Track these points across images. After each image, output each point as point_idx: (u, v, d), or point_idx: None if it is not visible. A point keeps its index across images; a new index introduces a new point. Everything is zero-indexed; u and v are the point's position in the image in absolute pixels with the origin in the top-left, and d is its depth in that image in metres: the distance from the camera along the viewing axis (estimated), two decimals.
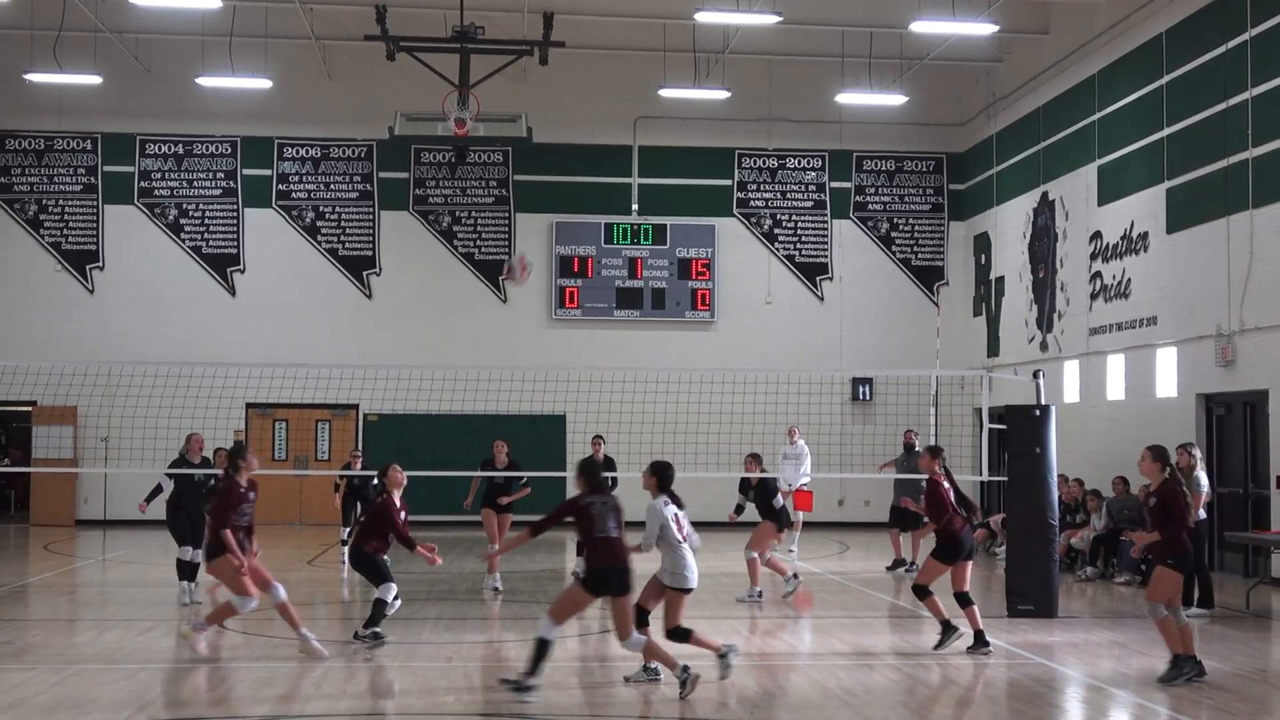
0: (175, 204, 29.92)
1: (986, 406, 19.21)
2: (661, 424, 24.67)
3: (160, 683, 11.94)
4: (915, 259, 31.28)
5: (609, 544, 11.32)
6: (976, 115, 30.15)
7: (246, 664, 12.86)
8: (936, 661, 13.28)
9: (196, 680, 12.13)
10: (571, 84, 29.66)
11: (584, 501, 11.46)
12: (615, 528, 11.37)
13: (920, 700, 11.49)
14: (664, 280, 30.42)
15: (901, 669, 12.86)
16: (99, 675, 12.06)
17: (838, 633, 15.22)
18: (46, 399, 27.32)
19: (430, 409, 25.77)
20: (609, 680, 12.14)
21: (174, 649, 13.67)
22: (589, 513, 11.38)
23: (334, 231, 30.17)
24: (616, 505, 11.54)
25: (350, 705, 11.04)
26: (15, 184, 29.70)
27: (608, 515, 11.39)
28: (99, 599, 18.47)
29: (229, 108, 29.52)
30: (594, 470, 11.70)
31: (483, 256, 30.35)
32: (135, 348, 28.47)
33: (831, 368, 29.59)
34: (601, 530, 11.32)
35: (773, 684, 12.05)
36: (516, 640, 14.20)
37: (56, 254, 29.66)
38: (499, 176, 30.52)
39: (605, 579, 11.25)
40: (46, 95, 29.05)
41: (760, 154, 31.00)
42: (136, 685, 11.71)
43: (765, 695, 11.58)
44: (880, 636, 15.05)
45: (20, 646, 13.70)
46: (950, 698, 11.62)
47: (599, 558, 11.33)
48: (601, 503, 11.45)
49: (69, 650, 13.48)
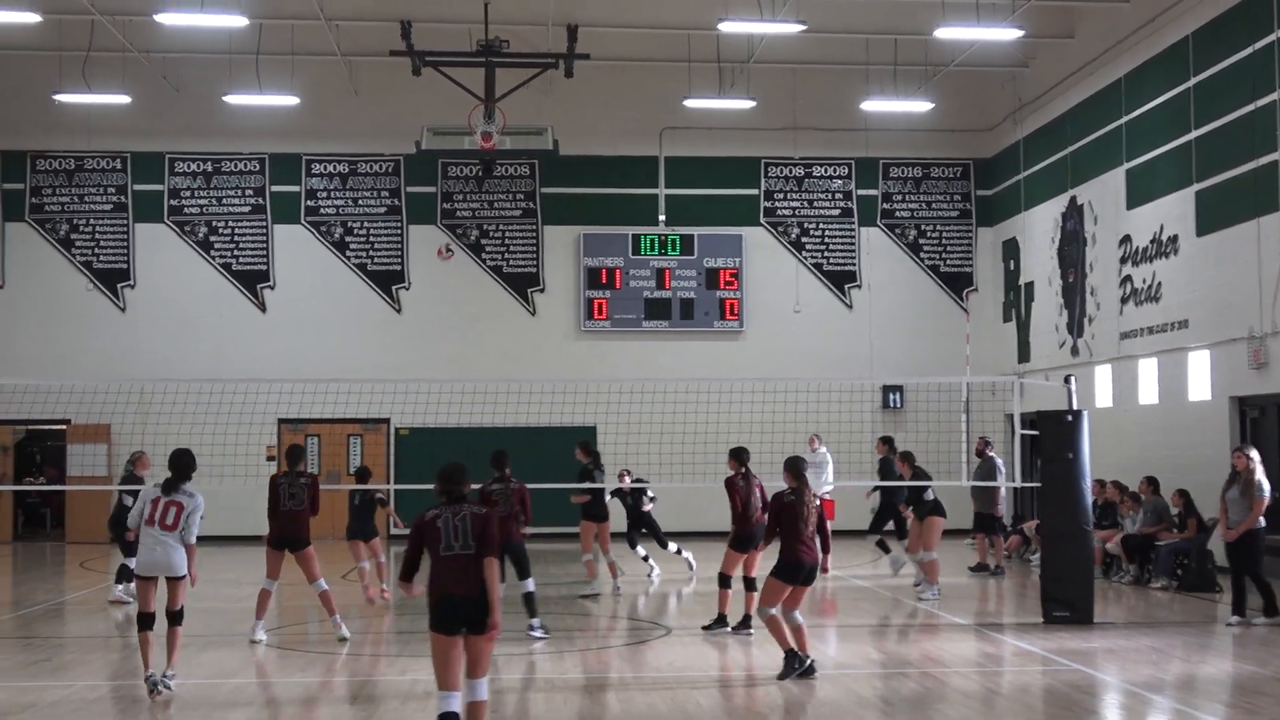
0: (205, 221, 30.09)
1: (1018, 412, 19.18)
2: (692, 434, 24.63)
3: (194, 699, 11.98)
4: (944, 265, 31.20)
5: (810, 540, 12.54)
6: (1003, 120, 30.07)
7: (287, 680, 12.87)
8: (975, 670, 13.23)
9: (245, 692, 12.16)
10: (597, 96, 29.71)
11: (789, 499, 12.59)
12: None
13: (957, 707, 11.44)
14: (692, 290, 30.42)
15: (938, 677, 12.82)
16: (135, 691, 12.11)
17: (871, 641, 15.18)
18: (80, 417, 27.48)
19: (461, 421, 25.88)
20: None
21: (211, 663, 13.71)
22: (793, 509, 12.49)
23: (363, 246, 30.27)
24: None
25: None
26: (46, 204, 29.91)
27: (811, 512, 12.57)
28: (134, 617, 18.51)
29: (257, 125, 29.67)
30: (798, 467, 12.83)
31: (511, 270, 30.41)
32: (167, 365, 28.64)
33: (862, 376, 29.52)
34: (803, 527, 12.48)
35: (806, 694, 12.03)
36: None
37: (88, 273, 29.85)
38: (526, 189, 30.59)
39: (801, 569, 12.47)
40: (76, 115, 29.25)
41: (787, 163, 30.98)
42: (173, 699, 11.74)
43: (800, 705, 11.55)
44: (915, 644, 14.99)
45: (57, 664, 13.78)
46: (987, 706, 11.57)
47: (804, 553, 12.48)
48: (806, 499, 12.59)
49: (107, 667, 13.54)
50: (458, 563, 9.12)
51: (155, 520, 11.89)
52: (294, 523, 15.02)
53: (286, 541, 15.03)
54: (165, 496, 12.00)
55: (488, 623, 9.05)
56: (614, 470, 21.42)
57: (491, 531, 9.22)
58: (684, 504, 26.87)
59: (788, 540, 12.63)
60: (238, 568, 22.49)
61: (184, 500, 11.98)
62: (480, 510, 9.35)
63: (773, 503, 12.98)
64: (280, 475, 15.38)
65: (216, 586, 20.97)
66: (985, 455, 22.61)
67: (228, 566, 22.96)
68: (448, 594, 9.10)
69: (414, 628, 15.31)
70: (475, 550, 9.13)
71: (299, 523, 15.04)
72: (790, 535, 12.61)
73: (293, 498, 15.08)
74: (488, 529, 9.22)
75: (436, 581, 9.15)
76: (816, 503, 12.87)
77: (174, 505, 11.95)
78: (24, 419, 28.55)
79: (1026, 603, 18.25)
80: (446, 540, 9.16)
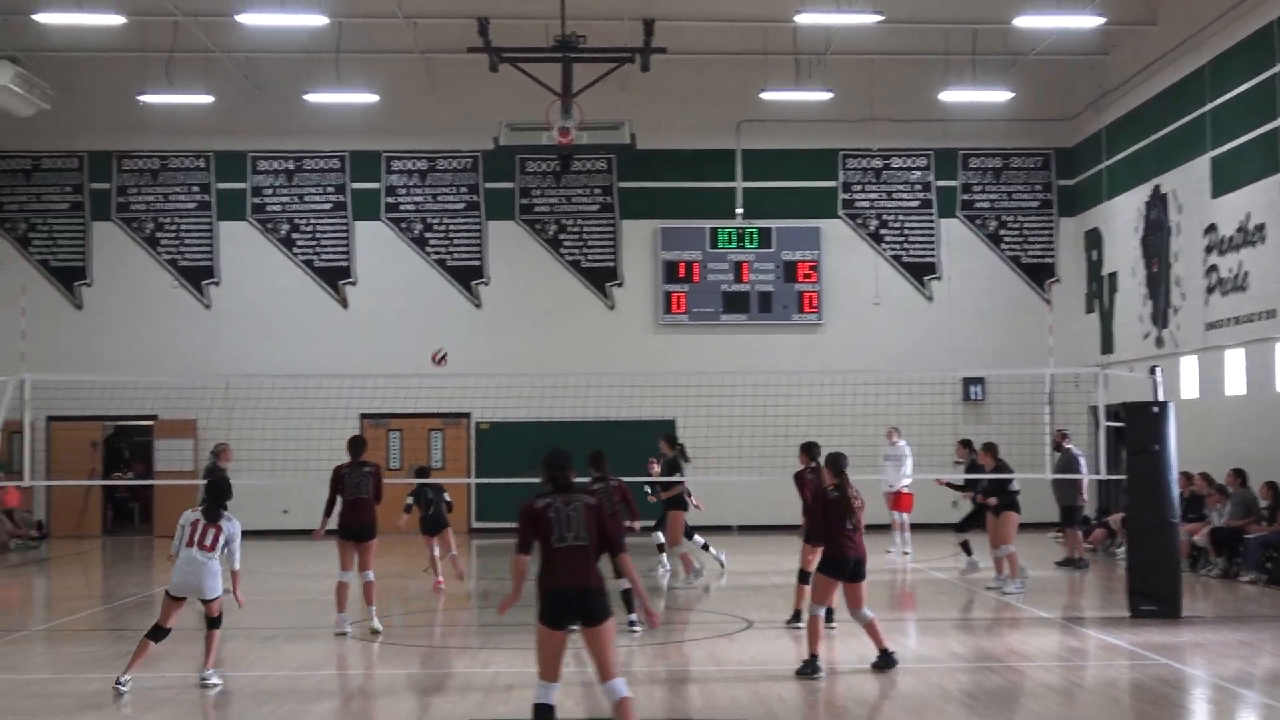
0: (287, 219, 30.42)
1: (1103, 404, 18.93)
2: (771, 427, 24.57)
3: (281, 692, 12.12)
4: (1025, 256, 30.91)
5: (853, 535, 12.57)
6: (1084, 109, 29.73)
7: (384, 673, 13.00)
8: (1060, 664, 13.12)
9: (330, 684, 12.30)
10: (673, 89, 29.69)
11: (832, 494, 12.62)
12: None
13: (1043, 702, 11.35)
14: (770, 284, 30.34)
15: (1023, 671, 12.72)
16: (228, 683, 12.28)
17: (954, 635, 15.09)
18: (167, 413, 27.92)
19: (540, 416, 26.02)
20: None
21: (297, 655, 13.87)
22: (838, 506, 12.56)
23: (442, 242, 30.47)
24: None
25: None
26: (132, 203, 30.37)
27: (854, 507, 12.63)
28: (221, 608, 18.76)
29: (337, 123, 29.95)
30: (839, 464, 12.83)
31: (589, 264, 30.48)
32: (251, 361, 28.98)
33: (942, 368, 29.29)
34: (851, 524, 12.55)
35: (890, 687, 11.98)
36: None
37: (173, 271, 30.28)
38: (603, 184, 30.65)
39: (846, 564, 12.50)
40: (160, 116, 29.66)
41: (865, 154, 30.81)
42: (262, 691, 11.91)
43: (884, 699, 11.51)
44: (999, 638, 14.88)
45: (148, 656, 13.96)
46: (1074, 700, 11.46)
47: (848, 547, 12.54)
48: (849, 495, 12.63)
49: (194, 659, 13.73)
50: (570, 554, 8.93)
51: (195, 542, 12.10)
52: (360, 512, 15.24)
53: (354, 531, 15.23)
54: (205, 521, 12.16)
55: (645, 620, 9.28)
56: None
57: (615, 526, 9.10)
58: (762, 498, 26.86)
59: (832, 535, 12.64)
60: (322, 562, 22.70)
61: (224, 525, 12.19)
62: (591, 500, 9.14)
63: (816, 499, 12.99)
64: (344, 466, 15.54)
65: (302, 580, 21.27)
66: (1064, 448, 22.36)
67: (312, 561, 23.21)
68: (558, 586, 8.89)
69: (496, 620, 15.40)
70: (589, 541, 8.95)
71: (365, 512, 15.29)
72: (834, 530, 12.61)
73: (357, 486, 15.29)
74: (605, 521, 9.08)
75: (547, 573, 8.96)
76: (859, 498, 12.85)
77: (214, 529, 12.14)
78: (112, 415, 29.00)
79: (1112, 597, 18.06)
80: (559, 531, 8.95)
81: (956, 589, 19.39)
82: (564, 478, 9.19)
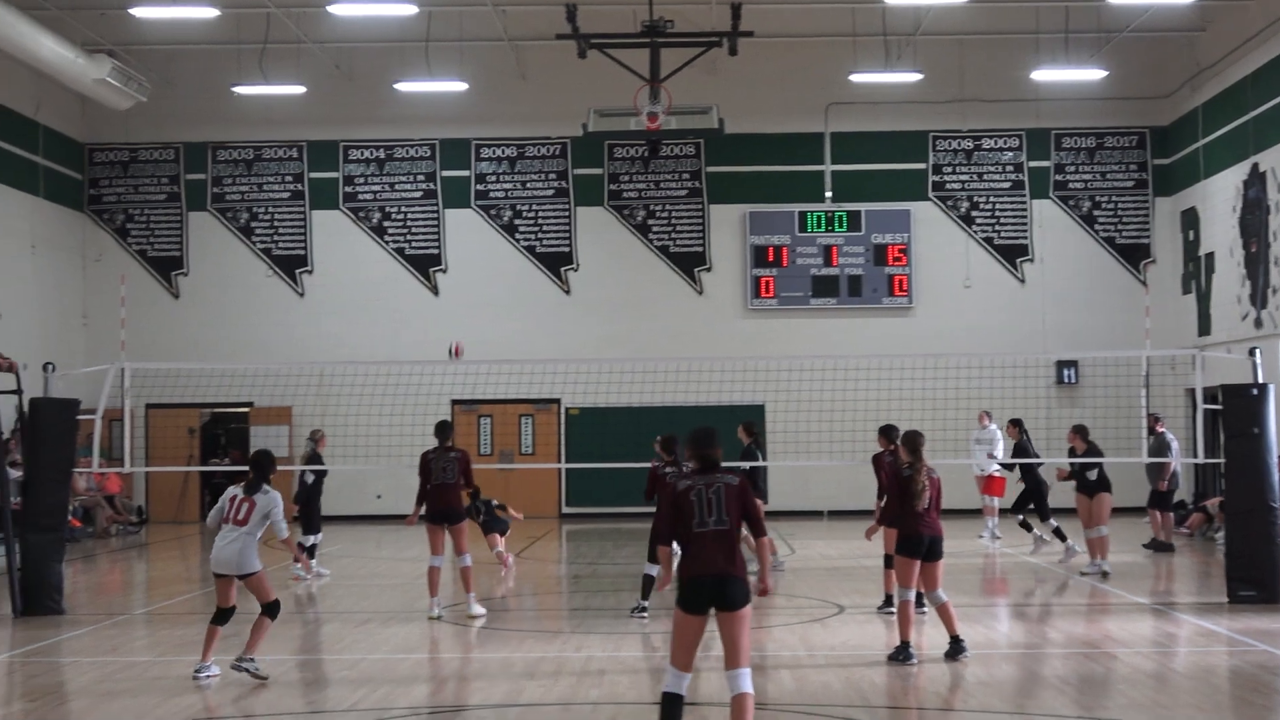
0: (378, 207, 30.71)
1: (1200, 387, 18.63)
2: (860, 412, 24.48)
3: (379, 674, 12.27)
4: (1119, 237, 30.48)
5: (927, 514, 12.51)
6: (1180, 87, 29.22)
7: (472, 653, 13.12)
8: (1157, 650, 12.97)
9: (424, 668, 12.44)
10: (761, 73, 29.59)
11: (905, 473, 12.60)
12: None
13: (1139, 689, 11.22)
14: (860, 267, 30.16)
15: (1119, 656, 12.58)
16: (319, 666, 12.47)
17: (1049, 620, 14.95)
18: (263, 400, 28.34)
19: (630, 401, 26.10)
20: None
21: (391, 639, 14.04)
22: (911, 488, 12.49)
23: (531, 229, 30.62)
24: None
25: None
26: (228, 193, 30.81)
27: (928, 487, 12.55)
28: (314, 593, 19.07)
29: (427, 112, 30.17)
30: (915, 442, 12.73)
31: (678, 249, 30.48)
32: (344, 348, 29.32)
33: (1035, 351, 28.99)
34: (924, 503, 12.49)
35: (985, 673, 11.90)
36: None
37: (268, 260, 30.69)
38: (691, 169, 30.62)
39: (921, 543, 12.47)
40: (254, 107, 30.07)
41: (955, 136, 30.52)
42: (357, 675, 12.07)
43: (979, 684, 11.44)
44: (1094, 624, 14.73)
45: (244, 639, 14.21)
46: (1171, 686, 11.32)
47: (923, 526, 12.50)
48: (922, 474, 12.55)
49: (291, 642, 13.95)
50: (710, 539, 8.65)
51: (230, 517, 12.15)
52: (447, 496, 15.40)
53: (442, 515, 15.39)
54: (243, 495, 12.21)
55: (758, 589, 8.88)
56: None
57: (756, 509, 8.88)
58: (850, 483, 26.74)
59: (906, 515, 12.58)
60: (417, 547, 22.93)
61: (259, 499, 12.17)
62: (733, 481, 8.80)
63: (891, 480, 12.92)
64: (431, 451, 15.69)
65: (396, 565, 21.51)
66: (1157, 431, 22.09)
67: (408, 545, 23.47)
68: (698, 575, 8.62)
69: (587, 605, 15.50)
70: (729, 525, 8.68)
71: (451, 497, 15.47)
72: (908, 510, 12.54)
73: (444, 471, 15.45)
74: (750, 502, 8.82)
75: (688, 559, 8.72)
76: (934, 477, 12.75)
77: (247, 502, 12.13)
78: (209, 402, 29.50)
79: (1210, 582, 17.80)
80: (700, 516, 8.67)
81: (1049, 574, 19.19)
82: (711, 457, 8.91)
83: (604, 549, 23.61)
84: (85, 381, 23.94)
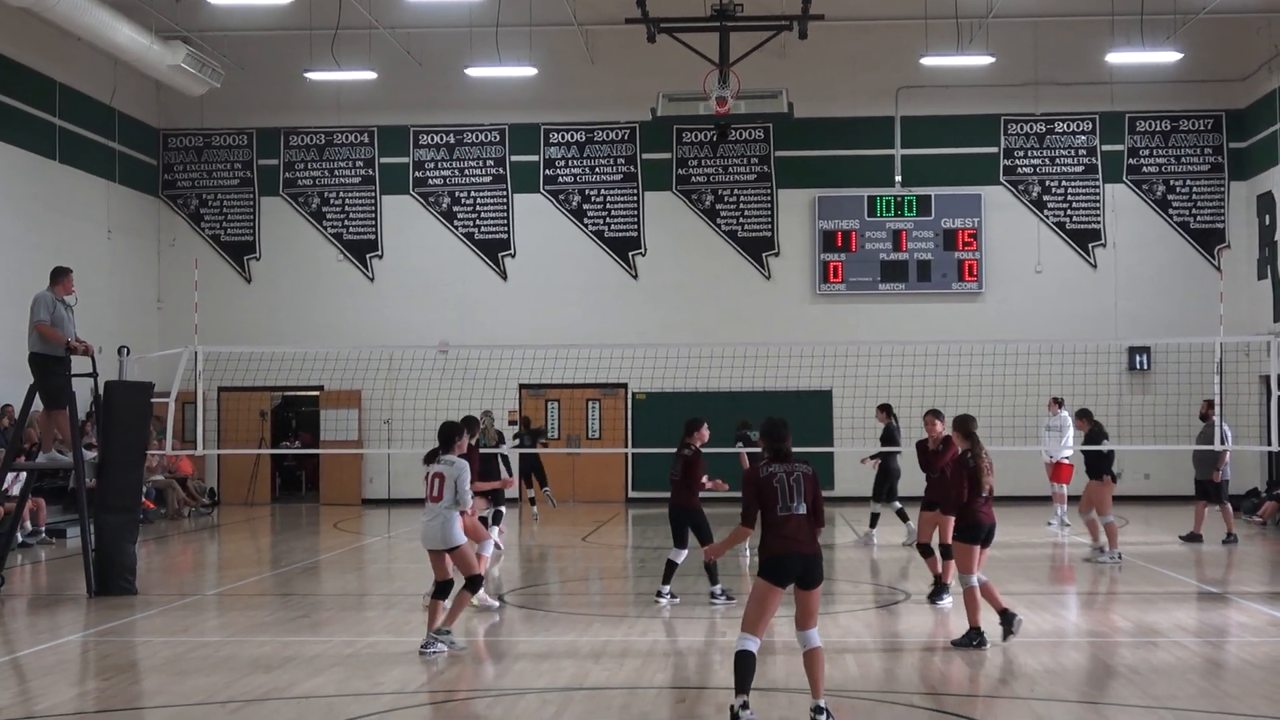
0: (448, 192, 30.87)
1: (1275, 373, 18.39)
2: (930, 398, 24.33)
3: (445, 656, 12.36)
4: (1194, 222, 30.08)
5: (982, 503, 12.46)
6: (1258, 69, 28.77)
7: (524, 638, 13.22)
8: (1229, 640, 12.82)
9: (497, 649, 12.52)
10: (831, 57, 29.44)
11: (969, 461, 12.44)
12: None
13: (1209, 679, 11.10)
14: (929, 252, 29.97)
15: (1189, 646, 12.45)
16: (389, 648, 12.58)
17: (1118, 609, 14.81)
18: (333, 383, 28.61)
19: (697, 386, 26.09)
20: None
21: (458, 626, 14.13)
22: (970, 471, 12.42)
23: (599, 214, 30.66)
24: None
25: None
26: (299, 178, 31.09)
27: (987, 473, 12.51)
28: (386, 575, 19.24)
29: (496, 97, 30.28)
30: (968, 427, 12.62)
31: (745, 234, 30.43)
32: (413, 332, 29.52)
33: (1106, 337, 28.69)
34: (978, 489, 12.40)
35: (1053, 661, 11.82)
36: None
37: (339, 244, 30.95)
38: (760, 153, 30.53)
39: (980, 529, 12.43)
40: (325, 92, 30.31)
41: (1027, 119, 30.24)
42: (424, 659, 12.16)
43: (1046, 673, 11.36)
44: (1164, 613, 14.57)
45: (316, 620, 14.39)
46: (1242, 677, 11.18)
47: (982, 515, 12.43)
48: (982, 460, 12.45)
49: (360, 624, 14.08)
50: (795, 522, 9.43)
51: (428, 495, 12.33)
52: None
53: None
54: (429, 468, 12.35)
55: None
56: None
57: (820, 499, 9.60)
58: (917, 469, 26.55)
59: (967, 502, 12.47)
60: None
61: (445, 470, 12.28)
62: (809, 470, 9.61)
63: (954, 466, 12.77)
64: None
65: None
66: (1208, 418, 21.60)
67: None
68: (787, 551, 9.38)
69: (653, 589, 15.51)
70: (807, 510, 9.47)
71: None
72: (970, 496, 12.43)
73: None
74: (818, 493, 9.57)
75: (772, 540, 9.44)
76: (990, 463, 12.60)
77: (438, 477, 12.26)
78: (280, 385, 29.80)
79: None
80: (784, 501, 9.43)
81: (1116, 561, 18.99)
82: (784, 448, 9.64)
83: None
84: (159, 365, 24.28)
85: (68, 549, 20.89)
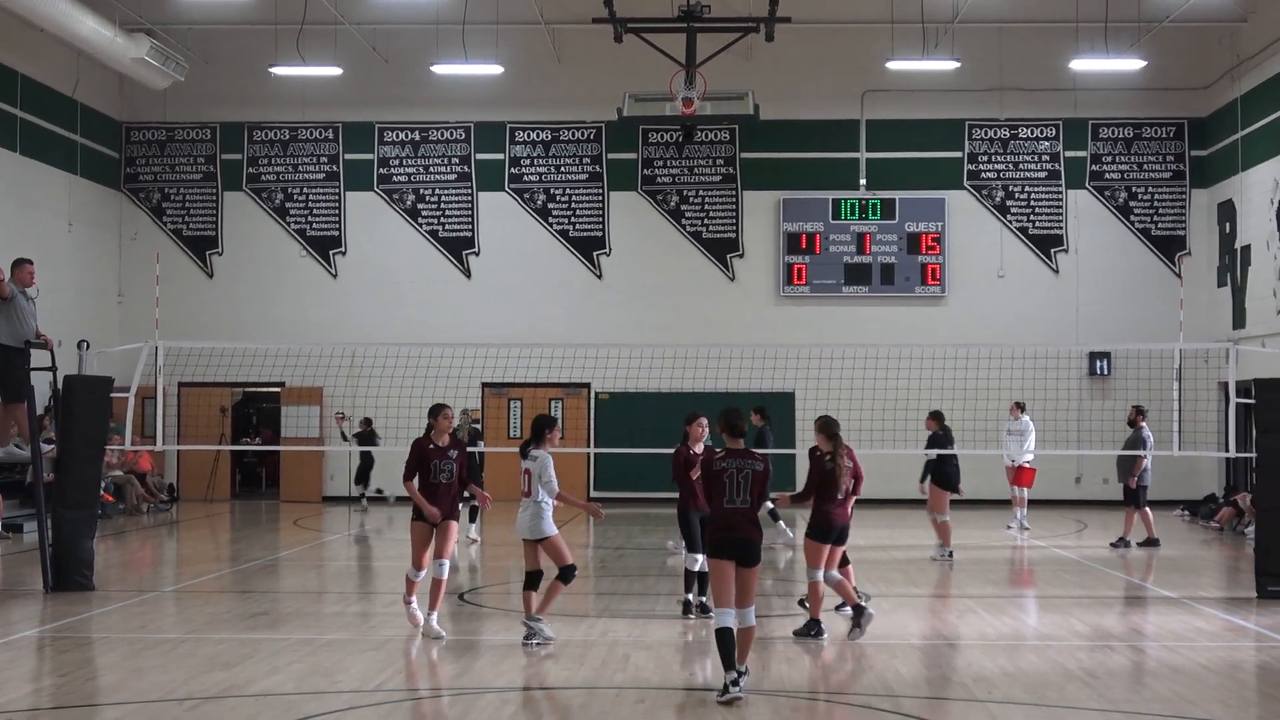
0: (412, 189, 30.78)
1: (1233, 380, 18.54)
2: (892, 401, 24.50)
3: (404, 654, 12.33)
4: (1155, 229, 30.29)
5: (838, 504, 12.95)
6: (1220, 78, 29.00)
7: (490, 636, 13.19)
8: (1184, 645, 12.91)
9: (456, 649, 12.50)
10: (798, 59, 29.50)
11: (827, 463, 12.88)
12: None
13: (1165, 683, 11.18)
14: (893, 255, 30.08)
15: (1144, 650, 12.54)
16: (348, 646, 12.54)
17: (1076, 613, 14.90)
18: (294, 380, 28.44)
19: (660, 387, 26.06)
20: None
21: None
22: (828, 473, 12.81)
23: (564, 213, 30.63)
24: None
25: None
26: (263, 174, 30.94)
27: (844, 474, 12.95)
28: (346, 572, 19.18)
29: (462, 94, 30.21)
30: (830, 429, 13.04)
31: (710, 235, 30.45)
32: (376, 330, 29.42)
33: (1068, 342, 28.88)
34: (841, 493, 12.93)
35: (1010, 664, 11.88)
36: None
37: (301, 240, 30.81)
38: (726, 155, 30.57)
39: (832, 530, 12.93)
40: (290, 87, 30.17)
41: (992, 124, 30.38)
42: (384, 655, 12.13)
43: (1004, 675, 11.42)
44: (1121, 617, 14.68)
45: (275, 617, 14.33)
46: (1196, 681, 11.27)
47: (835, 516, 12.85)
48: (840, 461, 12.83)
49: (319, 622, 14.03)
50: (737, 514, 10.38)
51: (522, 490, 12.53)
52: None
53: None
54: (523, 463, 12.56)
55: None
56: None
57: (765, 493, 10.58)
58: (880, 471, 26.62)
59: (822, 502, 12.85)
60: None
61: (531, 465, 12.50)
62: (759, 466, 10.45)
63: (813, 466, 12.94)
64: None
65: None
66: (1136, 424, 21.66)
67: None
68: (726, 537, 10.36)
69: (614, 589, 15.51)
70: (750, 504, 10.38)
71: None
72: (824, 497, 12.81)
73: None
74: (764, 486, 10.46)
75: (715, 527, 10.47)
76: (850, 464, 12.90)
77: (526, 473, 12.51)
78: (241, 381, 29.61)
79: (1240, 577, 17.71)
80: (730, 494, 10.40)
81: (1077, 566, 19.13)
82: (740, 427, 10.75)
83: (631, 533, 23.64)
84: (119, 359, 24.11)
85: (24, 544, 20.73)
